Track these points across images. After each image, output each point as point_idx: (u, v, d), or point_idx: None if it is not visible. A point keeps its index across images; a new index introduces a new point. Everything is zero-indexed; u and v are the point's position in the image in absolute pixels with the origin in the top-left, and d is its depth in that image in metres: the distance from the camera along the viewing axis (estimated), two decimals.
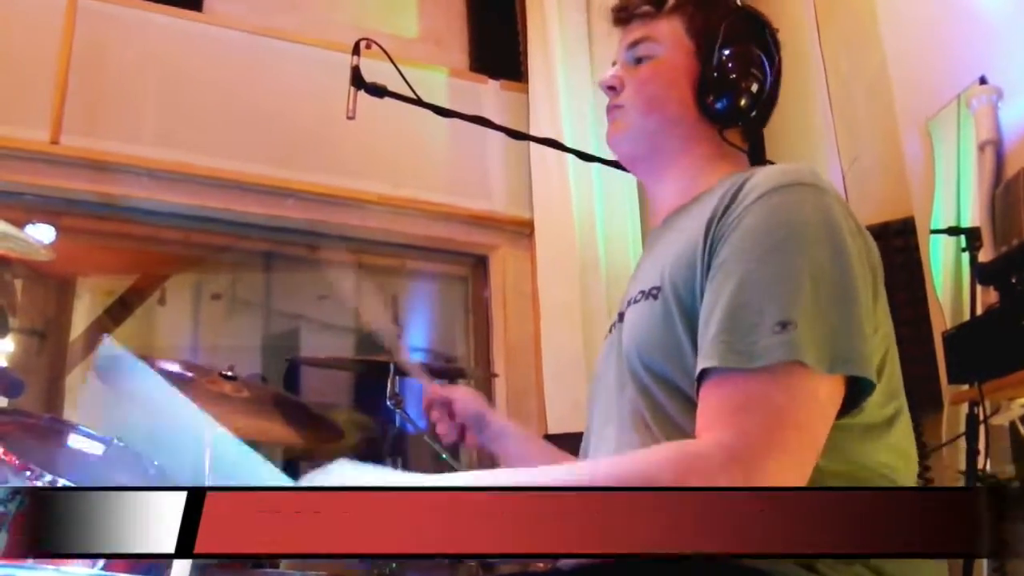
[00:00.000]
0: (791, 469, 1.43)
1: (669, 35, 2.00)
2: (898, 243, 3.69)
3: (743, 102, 1.94)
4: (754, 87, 1.94)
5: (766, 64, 1.98)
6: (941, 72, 3.68)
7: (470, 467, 4.26)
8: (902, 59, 3.87)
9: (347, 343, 6.21)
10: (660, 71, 1.99)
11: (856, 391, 1.53)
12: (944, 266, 3.50)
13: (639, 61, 2.03)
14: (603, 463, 1.67)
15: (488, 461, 3.52)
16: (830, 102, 4.42)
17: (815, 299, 1.50)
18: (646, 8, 2.04)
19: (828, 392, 1.50)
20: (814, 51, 4.50)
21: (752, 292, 1.52)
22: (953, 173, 3.52)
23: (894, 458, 1.63)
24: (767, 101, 2.01)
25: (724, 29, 1.96)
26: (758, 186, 1.64)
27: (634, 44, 2.04)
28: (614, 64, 2.12)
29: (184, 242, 5.28)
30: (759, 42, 2.00)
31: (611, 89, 2.07)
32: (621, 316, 1.91)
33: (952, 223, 3.45)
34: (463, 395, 2.45)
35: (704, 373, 1.53)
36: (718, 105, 1.94)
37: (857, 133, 4.26)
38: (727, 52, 1.95)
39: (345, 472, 1.59)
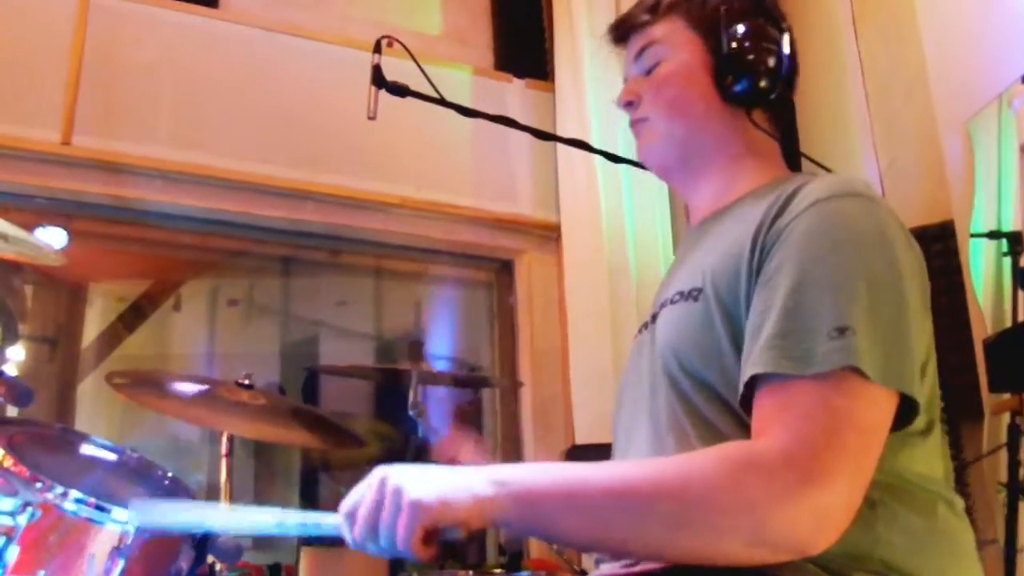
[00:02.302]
0: (850, 474, 1.45)
1: (672, 34, 2.03)
2: (937, 247, 3.70)
3: (764, 78, 1.96)
4: (771, 60, 1.96)
5: (777, 34, 2.01)
6: (981, 71, 3.70)
7: None
8: (941, 58, 3.89)
9: (367, 350, 6.25)
10: (674, 71, 2.02)
11: (902, 410, 1.55)
12: (984, 271, 3.51)
13: (649, 71, 2.06)
14: (654, 462, 1.68)
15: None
16: (867, 102, 4.43)
17: (871, 307, 1.52)
18: (644, 18, 2.08)
19: (884, 401, 1.51)
20: (851, 50, 4.52)
21: (806, 296, 1.54)
22: (994, 175, 3.54)
23: (930, 469, 1.65)
24: (790, 74, 2.03)
25: (724, 11, 1.99)
26: (811, 193, 1.67)
27: (640, 53, 2.08)
28: (625, 81, 2.16)
29: (200, 246, 5.31)
30: (763, 13, 2.02)
31: (629, 105, 2.10)
32: (654, 317, 1.93)
33: (993, 227, 3.46)
34: (468, 454, 2.42)
35: (756, 379, 1.54)
36: (738, 87, 1.96)
37: (895, 134, 4.28)
38: (734, 32, 1.97)
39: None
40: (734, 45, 1.96)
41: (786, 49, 2.01)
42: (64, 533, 2.31)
